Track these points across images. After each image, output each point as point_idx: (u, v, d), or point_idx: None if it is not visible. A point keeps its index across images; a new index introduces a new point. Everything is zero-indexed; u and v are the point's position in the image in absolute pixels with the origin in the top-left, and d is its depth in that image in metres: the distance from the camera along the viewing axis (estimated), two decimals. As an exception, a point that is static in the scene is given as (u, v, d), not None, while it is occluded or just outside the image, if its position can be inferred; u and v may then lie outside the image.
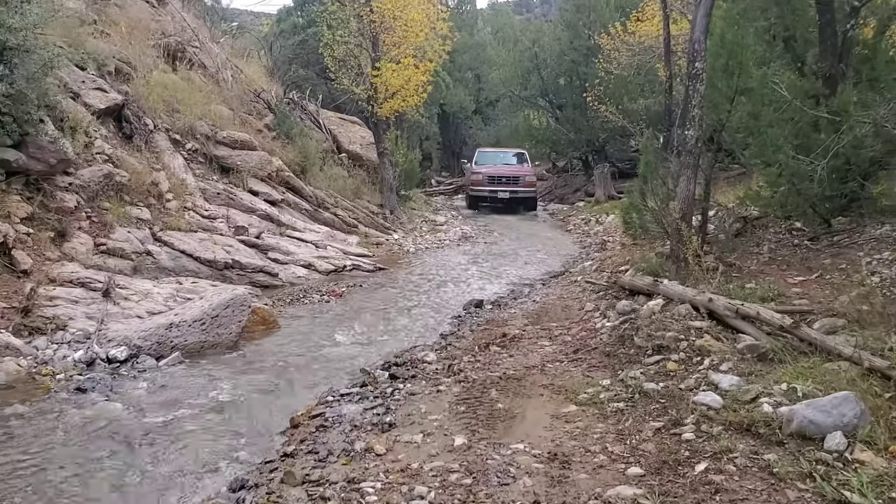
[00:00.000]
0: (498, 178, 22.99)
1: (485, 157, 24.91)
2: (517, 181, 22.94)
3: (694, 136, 6.91)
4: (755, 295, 6.40)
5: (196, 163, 12.51)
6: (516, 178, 23.05)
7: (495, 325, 7.71)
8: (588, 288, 8.84)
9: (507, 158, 24.95)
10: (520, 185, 22.84)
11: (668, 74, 17.06)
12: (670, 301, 6.36)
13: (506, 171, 23.50)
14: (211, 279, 9.77)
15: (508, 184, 22.80)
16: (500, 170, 23.50)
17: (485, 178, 23.09)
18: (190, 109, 13.03)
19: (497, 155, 25.46)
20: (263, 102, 15.93)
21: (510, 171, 23.57)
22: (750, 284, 6.88)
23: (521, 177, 23.13)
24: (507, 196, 22.54)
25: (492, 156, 25.26)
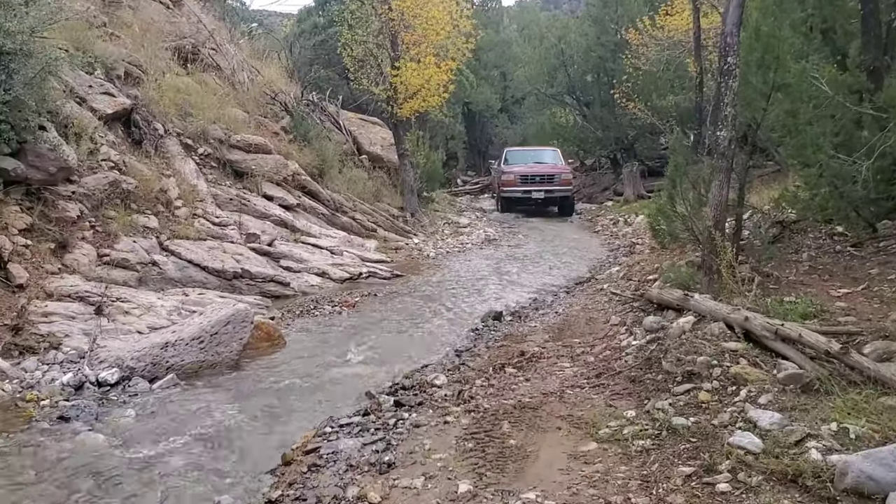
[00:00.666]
0: (531, 177, 21.48)
1: (515, 157, 23.56)
2: (552, 179, 21.35)
3: (727, 136, 6.36)
4: (795, 311, 5.84)
5: (208, 168, 12.15)
6: (551, 176, 21.44)
7: (513, 340, 7.22)
8: (614, 299, 8.31)
9: (539, 156, 23.45)
10: (555, 184, 21.26)
11: (699, 70, 16.44)
12: (702, 318, 5.83)
13: (539, 169, 21.94)
14: (219, 290, 9.40)
15: (543, 183, 21.30)
16: (533, 168, 22.00)
17: (517, 177, 21.58)
18: (203, 113, 12.69)
19: (528, 153, 24.00)
20: (280, 104, 15.56)
21: (544, 169, 21.97)
22: (789, 298, 6.32)
23: (556, 175, 21.49)
24: (543, 196, 21.10)
25: (522, 154, 23.85)
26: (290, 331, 8.08)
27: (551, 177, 21.45)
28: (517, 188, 21.52)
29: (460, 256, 13.98)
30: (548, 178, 21.44)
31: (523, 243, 15.88)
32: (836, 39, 9.93)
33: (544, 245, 15.50)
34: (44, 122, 8.96)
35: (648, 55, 21.19)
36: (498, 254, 14.30)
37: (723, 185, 6.43)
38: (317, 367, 6.79)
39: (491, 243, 15.84)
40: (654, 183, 24.73)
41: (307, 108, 17.69)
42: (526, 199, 21.36)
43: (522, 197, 21.36)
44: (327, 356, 7.17)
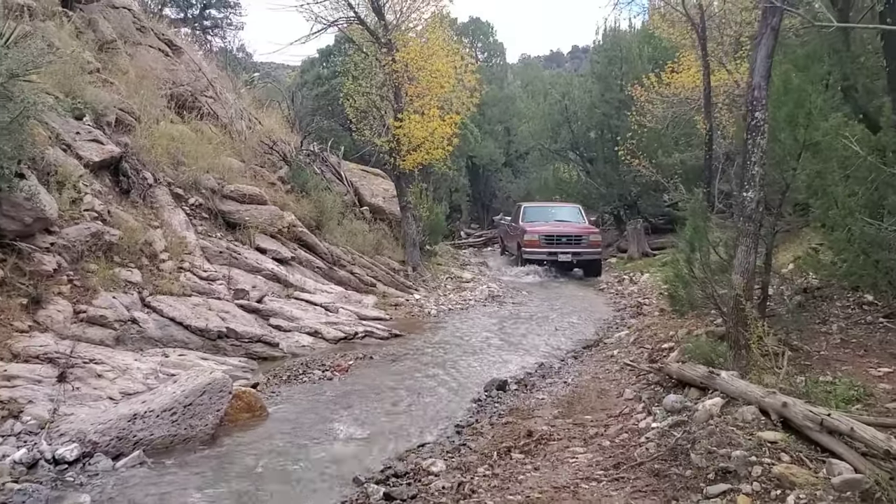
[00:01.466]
0: (558, 237, 19.46)
1: (534, 213, 21.64)
2: (580, 241, 19.40)
3: (754, 198, 5.83)
4: (835, 393, 5.25)
5: (199, 218, 11.63)
6: (579, 237, 19.50)
7: (520, 415, 6.58)
8: (626, 368, 7.70)
9: (561, 214, 21.70)
10: (583, 246, 19.34)
11: (709, 127, 16.02)
12: (731, 400, 5.22)
13: (566, 229, 19.99)
14: (202, 350, 8.80)
15: (570, 244, 19.31)
16: (558, 228, 20.06)
17: (541, 238, 19.49)
18: (196, 162, 12.21)
19: (548, 210, 22.13)
20: (279, 154, 15.12)
21: (571, 229, 20.00)
22: (825, 377, 5.72)
23: (584, 236, 19.55)
24: (570, 259, 19.14)
25: (542, 211, 21.98)
26: (274, 399, 7.44)
27: (579, 238, 19.52)
28: (541, 249, 19.52)
29: (463, 314, 13.37)
30: (575, 239, 19.51)
31: (527, 300, 15.29)
32: (857, 98, 9.50)
33: (549, 303, 14.90)
34: (23, 169, 8.46)
35: (654, 112, 20.88)
36: (502, 312, 13.69)
37: (750, 250, 5.88)
38: (300, 445, 6.14)
39: (495, 300, 15.24)
40: (658, 240, 24.35)
41: (308, 158, 17.28)
42: (552, 261, 19.38)
43: (547, 259, 19.42)
44: (313, 430, 6.52)
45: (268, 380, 8.19)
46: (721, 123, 17.24)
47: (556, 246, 19.36)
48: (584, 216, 21.42)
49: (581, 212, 21.71)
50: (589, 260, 19.40)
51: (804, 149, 6.13)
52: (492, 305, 14.51)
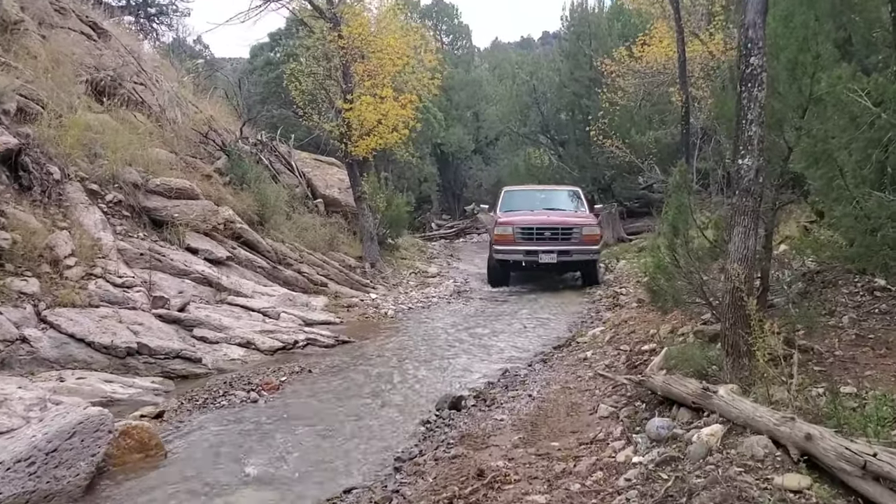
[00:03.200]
0: (539, 230, 14.27)
1: (517, 199, 16.34)
2: (569, 235, 14.18)
3: (753, 166, 4.63)
4: (864, 413, 4.07)
5: (119, 217, 10.29)
6: (568, 230, 14.22)
7: (472, 444, 5.35)
8: (600, 376, 6.51)
9: (551, 200, 16.46)
10: (574, 242, 14.15)
11: (684, 98, 14.87)
12: (733, 426, 4.03)
13: (551, 219, 14.79)
14: (109, 370, 7.52)
15: (556, 240, 14.19)
16: (540, 218, 14.83)
17: (516, 231, 14.33)
18: (117, 154, 10.85)
19: (535, 195, 16.80)
20: (216, 144, 13.77)
21: (558, 219, 14.81)
22: (847, 388, 4.55)
23: (575, 228, 14.27)
24: (555, 260, 14.08)
25: (527, 196, 16.68)
26: (181, 431, 6.17)
27: (568, 231, 14.22)
28: (515, 248, 14.30)
29: (423, 314, 12.14)
30: (563, 232, 14.23)
31: (495, 295, 14.10)
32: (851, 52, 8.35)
33: (518, 297, 13.72)
34: None
35: (626, 88, 19.74)
36: (466, 309, 12.49)
37: (749, 231, 4.68)
38: (196, 494, 4.89)
39: (461, 296, 14.06)
40: (633, 225, 23.23)
41: (254, 147, 15.95)
42: (530, 263, 14.30)
43: (525, 260, 14.26)
44: (218, 472, 5.27)
45: (180, 405, 6.91)
46: (696, 97, 16.12)
47: (537, 242, 14.16)
48: (583, 202, 16.16)
49: (580, 196, 16.48)
50: (582, 261, 14.39)
51: (810, 103, 4.93)
52: (457, 302, 13.32)
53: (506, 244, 14.38)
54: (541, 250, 14.04)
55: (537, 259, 14.06)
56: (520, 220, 14.61)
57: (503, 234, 14.45)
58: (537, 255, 14.04)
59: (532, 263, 14.24)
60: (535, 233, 14.26)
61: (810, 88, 4.86)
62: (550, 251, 14.05)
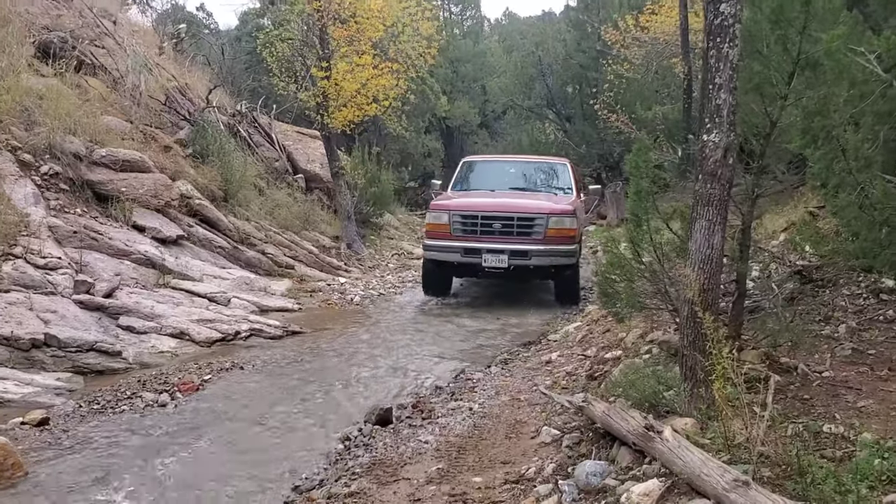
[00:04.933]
0: (485, 221, 10.10)
1: (477, 175, 12.06)
2: (530, 229, 10.02)
3: (720, 143, 3.65)
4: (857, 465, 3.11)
5: (55, 191, 9.41)
6: (528, 221, 10.06)
7: (379, 478, 4.44)
8: (542, 390, 5.57)
9: (527, 176, 12.06)
10: (536, 239, 9.95)
11: (687, 69, 13.79)
12: (675, 482, 3.10)
13: (504, 204, 10.52)
14: (8, 364, 6.67)
15: (509, 235, 10.04)
16: (487, 202, 10.66)
17: (453, 220, 10.20)
18: (59, 121, 9.95)
19: (503, 169, 12.54)
20: (180, 113, 12.83)
21: (515, 204, 10.45)
22: (832, 426, 3.60)
23: (538, 218, 10.05)
24: (505, 264, 9.91)
25: (492, 171, 12.50)
26: (59, 444, 5.31)
27: (528, 222, 10.05)
28: (450, 243, 10.17)
29: (392, 301, 11.22)
30: (521, 224, 10.05)
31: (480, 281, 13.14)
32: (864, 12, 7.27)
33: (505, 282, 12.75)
34: None
35: (632, 60, 18.65)
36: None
37: (714, 226, 3.71)
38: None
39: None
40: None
41: (234, 118, 15.04)
42: (470, 267, 10.41)
43: (461, 262, 10.24)
44: (86, 501, 4.40)
45: (76, 408, 6.05)
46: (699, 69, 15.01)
47: (482, 237, 10.01)
48: (571, 181, 11.68)
49: (568, 173, 11.91)
50: (548, 268, 10.13)
51: (799, 67, 3.92)
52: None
53: (438, 238, 10.20)
54: (486, 248, 9.79)
55: (480, 261, 9.82)
56: (458, 205, 10.42)
57: (435, 223, 10.26)
58: (480, 256, 9.78)
59: (473, 268, 10.18)
60: (479, 223, 9.96)
61: (799, 47, 3.85)
62: (499, 251, 9.78)
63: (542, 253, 9.82)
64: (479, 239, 9.98)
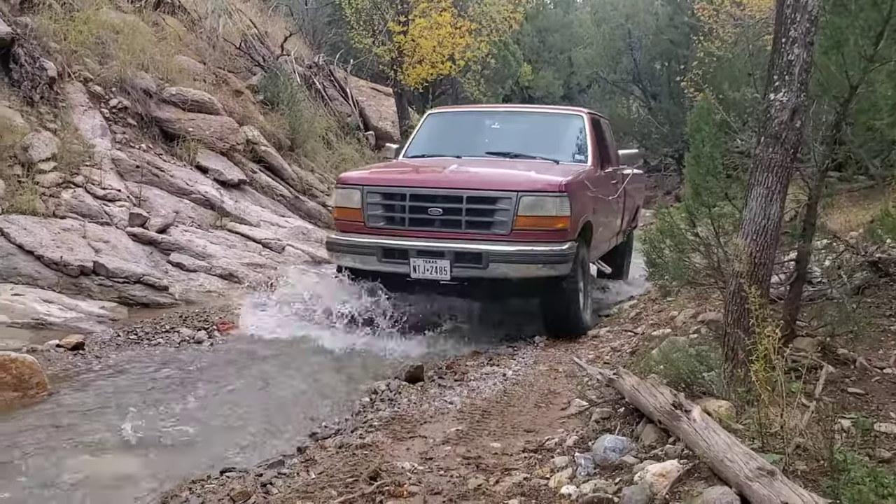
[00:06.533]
0: (417, 202, 6.36)
1: (444, 134, 8.21)
2: (489, 217, 6.26)
3: (789, 103, 3.30)
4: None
5: (123, 124, 9.51)
6: (485, 203, 6.28)
7: (395, 433, 4.27)
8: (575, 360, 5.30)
9: (519, 135, 8.04)
10: (499, 236, 6.20)
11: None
12: (696, 465, 2.83)
13: (457, 178, 6.58)
14: (57, 289, 6.76)
15: (454, 228, 6.29)
16: (437, 176, 6.77)
17: (368, 203, 6.46)
18: (132, 56, 10.02)
19: (481, 124, 8.45)
20: (254, 59, 12.82)
21: (474, 179, 6.61)
22: (886, 426, 3.25)
23: (503, 198, 6.20)
24: (447, 274, 6.19)
25: (464, 128, 8.46)
26: (88, 370, 5.35)
27: (485, 206, 6.29)
28: (365, 240, 6.48)
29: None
30: (476, 209, 6.28)
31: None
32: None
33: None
34: None
35: (724, 37, 17.88)
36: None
37: (773, 195, 3.36)
38: (56, 451, 4.01)
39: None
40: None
41: (310, 70, 14.98)
42: (394, 278, 6.55)
43: (381, 271, 6.53)
44: (98, 428, 4.35)
45: (113, 336, 6.10)
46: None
47: (412, 229, 6.42)
48: (588, 143, 7.58)
49: (582, 130, 7.74)
50: (523, 282, 6.34)
51: (889, 26, 3.51)
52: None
53: (347, 230, 6.63)
54: (417, 249, 6.22)
55: (407, 268, 6.24)
56: (376, 178, 6.81)
57: (344, 207, 6.66)
58: (407, 260, 6.23)
59: (400, 278, 6.44)
60: (406, 207, 6.36)
61: (891, 4, 3.43)
62: (436, 252, 6.19)
63: (506, 257, 6.04)
64: (406, 233, 6.29)
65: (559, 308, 6.55)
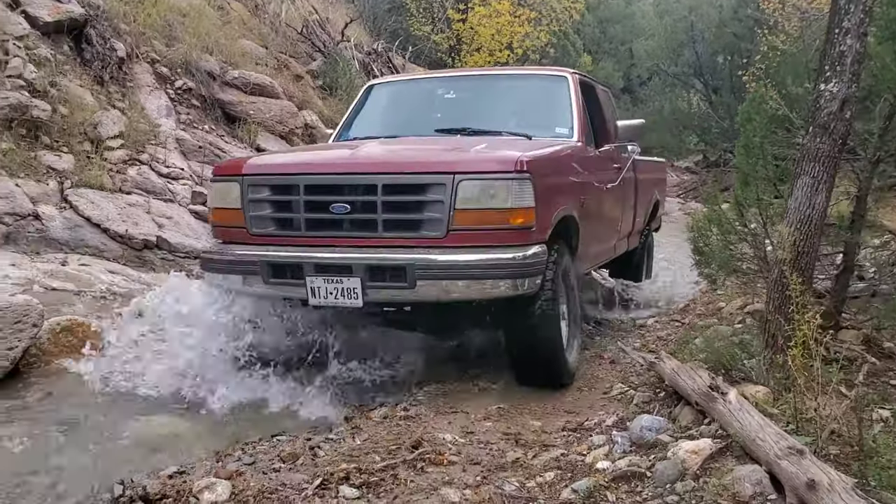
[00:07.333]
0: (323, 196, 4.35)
1: (387, 109, 6.45)
2: (416, 211, 4.27)
3: (839, 94, 3.32)
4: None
5: (187, 106, 9.81)
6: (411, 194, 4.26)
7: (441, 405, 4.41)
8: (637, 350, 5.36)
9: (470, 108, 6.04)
10: (431, 240, 4.20)
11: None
12: (729, 446, 2.90)
13: (371, 159, 4.62)
14: (120, 261, 7.04)
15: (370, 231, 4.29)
16: (344, 157, 4.79)
17: (251, 199, 4.50)
18: (197, 39, 10.32)
19: (432, 94, 6.46)
20: (315, 44, 13.05)
21: (394, 159, 4.71)
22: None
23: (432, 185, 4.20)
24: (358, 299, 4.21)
25: (411, 100, 6.56)
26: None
27: (409, 196, 4.28)
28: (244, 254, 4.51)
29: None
30: (396, 202, 4.27)
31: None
32: None
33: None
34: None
35: (790, 31, 17.53)
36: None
37: (819, 184, 3.39)
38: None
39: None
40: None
41: (369, 56, 15.17)
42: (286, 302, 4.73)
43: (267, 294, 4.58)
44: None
45: (173, 308, 6.31)
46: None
47: (311, 238, 4.42)
48: (572, 112, 5.60)
49: (565, 96, 5.71)
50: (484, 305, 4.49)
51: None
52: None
53: (228, 238, 4.77)
54: (315, 262, 4.30)
55: (304, 291, 4.32)
56: (262, 164, 4.97)
57: (221, 207, 4.77)
58: (302, 280, 4.29)
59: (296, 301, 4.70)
60: (301, 204, 4.41)
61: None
62: (340, 266, 4.27)
63: (442, 271, 4.15)
64: (303, 241, 4.44)
65: (526, 344, 4.51)
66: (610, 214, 6.25)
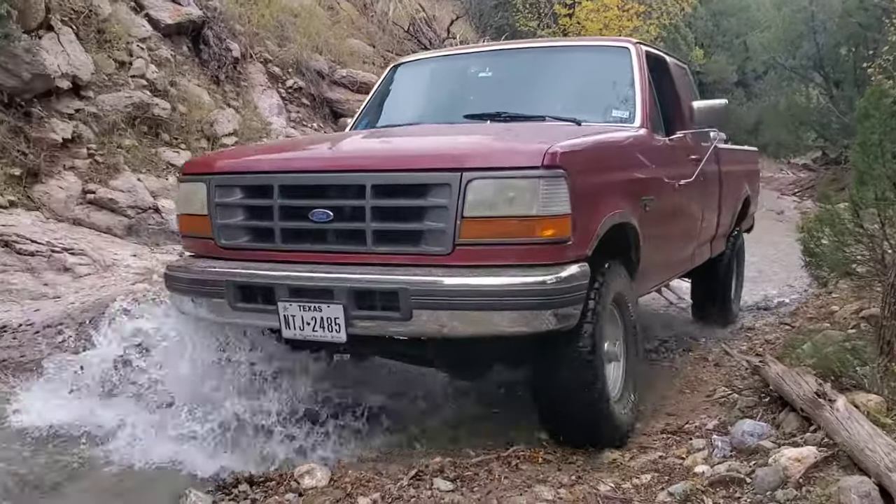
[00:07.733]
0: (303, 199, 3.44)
1: (412, 94, 5.33)
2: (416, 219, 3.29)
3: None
4: None
5: (297, 104, 10.11)
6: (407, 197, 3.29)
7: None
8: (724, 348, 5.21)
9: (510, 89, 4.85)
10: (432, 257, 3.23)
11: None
12: (836, 454, 2.78)
13: (362, 154, 3.98)
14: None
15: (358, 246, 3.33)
16: (328, 152, 4.01)
17: (226, 205, 3.60)
18: (307, 39, 10.62)
19: (465, 73, 5.30)
20: (421, 42, 13.20)
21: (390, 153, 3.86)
22: None
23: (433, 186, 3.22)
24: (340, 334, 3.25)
25: (441, 82, 5.36)
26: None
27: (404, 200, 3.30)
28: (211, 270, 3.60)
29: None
30: (388, 207, 3.30)
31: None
32: None
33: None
34: (51, 19, 7.33)
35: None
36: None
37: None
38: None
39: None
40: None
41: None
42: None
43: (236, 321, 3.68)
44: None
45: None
46: None
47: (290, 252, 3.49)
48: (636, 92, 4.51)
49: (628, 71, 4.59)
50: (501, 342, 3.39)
51: None
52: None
53: (196, 251, 3.90)
54: (289, 284, 3.36)
55: (276, 320, 3.38)
56: (233, 162, 3.92)
57: (187, 213, 3.83)
58: (274, 305, 3.35)
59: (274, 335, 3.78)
60: (276, 209, 3.46)
61: None
62: (319, 290, 3.30)
63: (444, 297, 3.14)
64: (278, 255, 3.53)
65: (557, 393, 3.51)
66: (684, 217, 5.07)
